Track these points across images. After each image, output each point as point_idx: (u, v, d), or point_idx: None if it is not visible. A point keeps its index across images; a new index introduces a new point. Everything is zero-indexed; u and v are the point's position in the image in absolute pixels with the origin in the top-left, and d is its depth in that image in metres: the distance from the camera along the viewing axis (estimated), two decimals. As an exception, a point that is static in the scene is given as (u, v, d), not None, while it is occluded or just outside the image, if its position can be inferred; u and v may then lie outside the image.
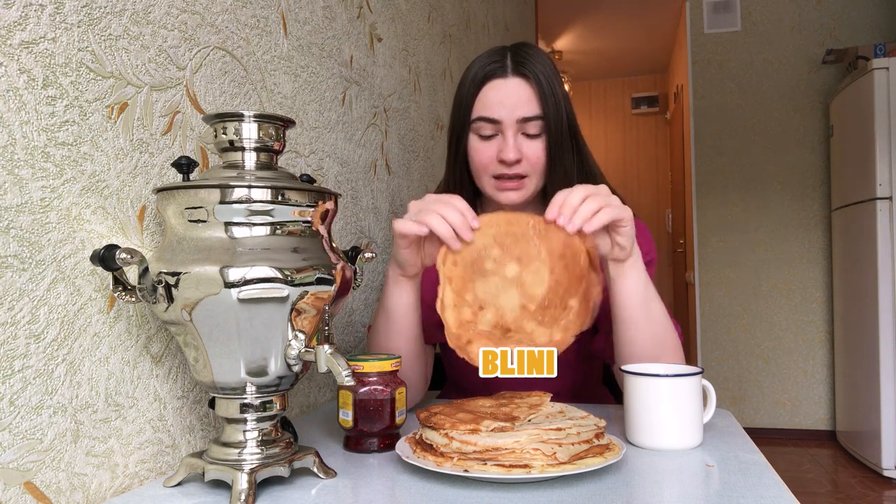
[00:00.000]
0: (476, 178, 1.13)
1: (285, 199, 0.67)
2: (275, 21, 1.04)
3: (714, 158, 4.13)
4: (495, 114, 1.07)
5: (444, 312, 0.84)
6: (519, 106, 1.07)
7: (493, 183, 1.10)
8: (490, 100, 1.08)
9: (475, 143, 1.11)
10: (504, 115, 1.07)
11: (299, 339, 0.68)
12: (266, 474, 0.68)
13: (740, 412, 4.02)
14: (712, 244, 4.14)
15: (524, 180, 1.09)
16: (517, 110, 1.07)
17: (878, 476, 3.13)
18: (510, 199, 1.10)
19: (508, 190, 1.09)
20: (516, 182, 1.09)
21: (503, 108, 1.07)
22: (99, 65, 0.69)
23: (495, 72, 1.09)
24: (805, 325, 3.97)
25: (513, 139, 1.07)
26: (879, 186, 3.11)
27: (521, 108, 1.07)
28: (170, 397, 0.79)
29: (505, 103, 1.07)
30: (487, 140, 1.09)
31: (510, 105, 1.07)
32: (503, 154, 1.07)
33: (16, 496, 0.59)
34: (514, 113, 1.07)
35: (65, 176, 0.65)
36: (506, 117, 1.07)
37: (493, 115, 1.08)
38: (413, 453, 0.76)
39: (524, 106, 1.07)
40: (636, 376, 0.85)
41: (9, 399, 0.59)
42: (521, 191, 1.09)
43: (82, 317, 0.67)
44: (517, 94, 1.08)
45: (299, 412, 1.11)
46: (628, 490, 0.69)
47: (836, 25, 3.97)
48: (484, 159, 1.09)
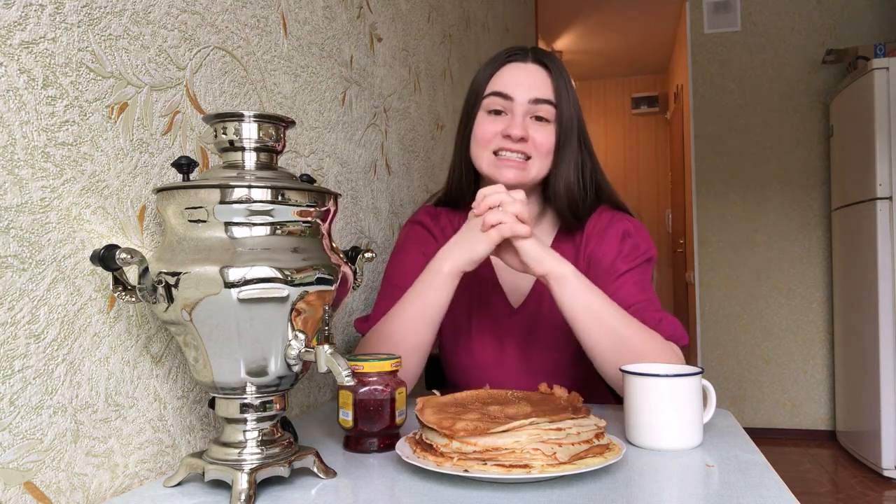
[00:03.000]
0: (475, 156, 1.12)
1: (285, 199, 0.67)
2: (275, 21, 1.04)
3: (714, 158, 4.13)
4: (509, 90, 1.08)
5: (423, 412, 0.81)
6: (534, 87, 1.08)
7: (492, 159, 1.09)
8: (506, 78, 1.10)
9: (482, 118, 1.11)
10: (518, 93, 1.08)
11: (299, 339, 0.68)
12: (266, 474, 0.68)
13: (740, 412, 4.02)
14: (712, 244, 4.14)
15: (527, 162, 1.08)
16: (532, 91, 1.08)
17: (878, 476, 3.13)
18: (507, 178, 1.08)
19: (508, 167, 1.08)
20: (518, 161, 1.08)
21: (518, 86, 1.08)
22: (99, 65, 0.69)
23: (515, 57, 1.11)
24: (805, 325, 3.97)
25: (521, 118, 1.07)
26: (879, 186, 3.11)
27: (535, 90, 1.08)
28: (170, 397, 0.79)
29: (521, 82, 1.09)
30: (496, 115, 1.10)
31: (525, 85, 1.08)
32: (509, 129, 1.06)
33: (16, 496, 0.59)
34: (528, 93, 1.08)
35: (65, 176, 0.65)
36: (519, 95, 1.08)
37: (506, 91, 1.08)
38: (413, 453, 0.76)
39: (538, 88, 1.08)
40: (636, 376, 0.85)
41: (9, 399, 0.59)
42: (522, 171, 1.08)
43: (82, 317, 0.67)
44: (534, 76, 1.09)
45: (299, 412, 1.11)
46: (628, 490, 0.69)
47: (836, 25, 3.97)
48: (487, 133, 1.09)
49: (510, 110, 1.08)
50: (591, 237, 1.15)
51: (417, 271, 1.16)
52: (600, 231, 1.15)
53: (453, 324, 1.19)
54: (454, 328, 1.19)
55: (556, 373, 1.15)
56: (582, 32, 5.08)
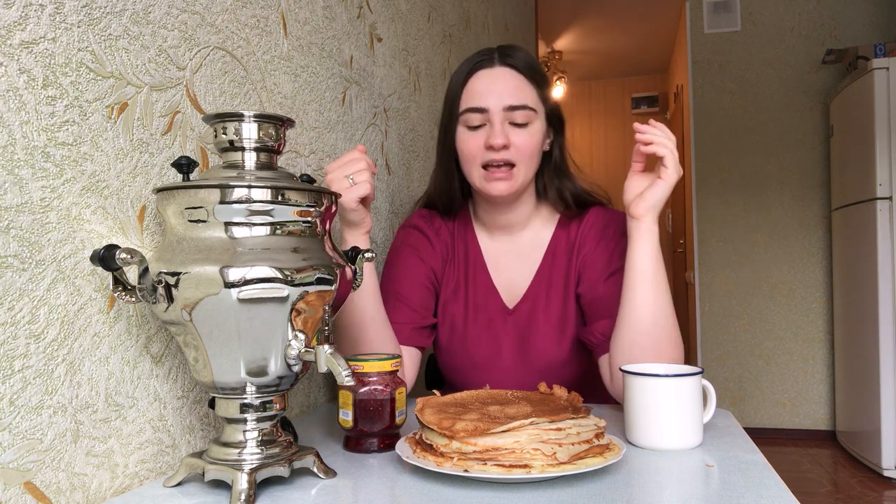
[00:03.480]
0: (466, 172, 1.13)
1: (285, 199, 0.67)
2: (275, 21, 1.04)
3: (714, 158, 4.13)
4: (483, 102, 1.08)
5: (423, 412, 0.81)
6: (506, 93, 1.08)
7: (482, 174, 1.10)
8: (477, 89, 1.10)
9: (463, 134, 1.11)
10: (491, 103, 1.08)
11: (299, 339, 0.68)
12: (266, 474, 0.68)
13: (740, 412, 4.02)
14: (712, 244, 4.14)
15: (512, 170, 1.09)
16: (504, 98, 1.08)
17: (878, 476, 3.13)
18: (499, 190, 1.09)
19: (497, 180, 1.09)
20: (505, 171, 1.08)
21: (491, 95, 1.08)
22: (99, 65, 0.69)
23: (482, 63, 1.11)
24: (805, 325, 3.97)
25: (500, 126, 1.07)
26: (879, 186, 3.11)
27: (509, 96, 1.08)
28: (170, 397, 0.79)
29: (492, 90, 1.09)
30: (475, 130, 1.10)
31: (497, 92, 1.08)
32: (491, 140, 1.07)
33: (16, 496, 0.59)
34: (502, 100, 1.08)
35: (65, 176, 0.65)
36: (493, 105, 1.08)
37: (480, 104, 1.09)
38: (413, 453, 0.76)
39: (511, 94, 1.08)
40: (636, 376, 0.85)
41: (9, 399, 0.59)
42: (510, 181, 1.09)
43: (82, 317, 0.67)
44: (504, 81, 1.09)
45: (299, 412, 1.11)
46: (628, 490, 0.69)
47: (836, 25, 3.97)
48: (472, 149, 1.10)
49: (488, 120, 1.09)
50: (587, 240, 1.15)
51: (414, 276, 1.16)
52: (597, 232, 1.15)
53: (450, 324, 1.19)
54: (450, 328, 1.19)
55: (552, 372, 1.15)
56: (582, 32, 5.08)
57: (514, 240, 1.20)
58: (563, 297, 1.16)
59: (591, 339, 1.09)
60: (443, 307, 1.20)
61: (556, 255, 1.18)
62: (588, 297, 1.12)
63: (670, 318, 1.01)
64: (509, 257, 1.20)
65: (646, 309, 1.00)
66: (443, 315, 1.20)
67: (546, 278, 1.17)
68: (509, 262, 1.20)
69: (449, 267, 1.22)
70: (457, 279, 1.21)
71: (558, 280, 1.16)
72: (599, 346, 1.08)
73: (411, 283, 1.16)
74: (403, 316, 1.12)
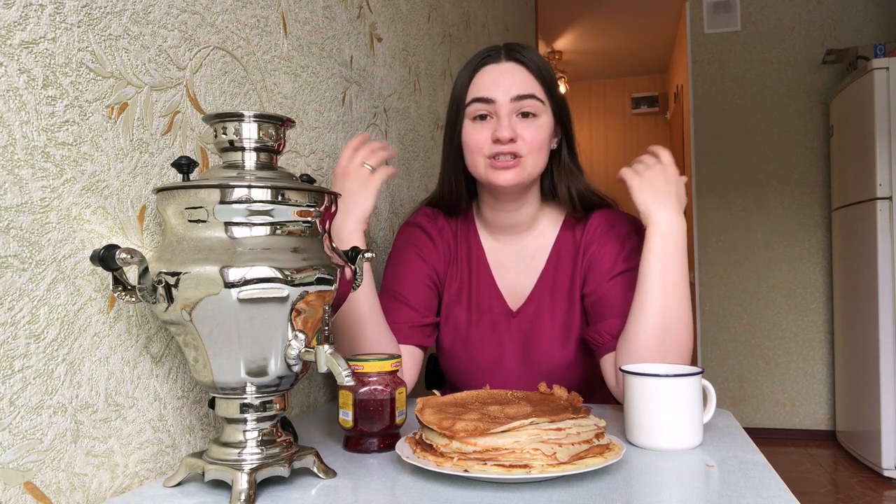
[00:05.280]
0: (471, 164, 1.11)
1: (285, 199, 0.67)
2: (275, 21, 1.04)
3: (714, 158, 4.13)
4: (489, 93, 1.08)
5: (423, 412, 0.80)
6: (513, 85, 1.08)
7: (487, 163, 1.08)
8: (484, 82, 1.09)
9: (469, 127, 1.10)
10: (498, 94, 1.07)
11: (299, 339, 0.68)
12: (266, 474, 0.68)
13: (740, 412, 4.02)
14: (712, 244, 4.14)
15: (520, 160, 1.07)
16: (512, 89, 1.07)
17: (878, 476, 3.13)
18: (505, 180, 1.07)
19: (503, 169, 1.07)
20: (512, 160, 1.07)
21: (497, 88, 1.08)
22: (99, 65, 0.69)
23: (489, 59, 1.11)
24: (805, 325, 3.97)
25: (507, 119, 1.07)
26: (879, 186, 3.11)
27: (515, 87, 1.08)
28: (170, 397, 0.79)
29: (499, 83, 1.08)
30: (482, 121, 1.09)
31: (504, 85, 1.08)
32: (497, 132, 1.06)
33: (16, 496, 0.59)
34: (509, 92, 1.07)
35: (65, 176, 0.65)
36: (500, 97, 1.07)
37: (486, 95, 1.08)
38: (413, 453, 0.76)
39: (518, 85, 1.08)
40: (636, 376, 0.85)
41: (9, 399, 0.59)
42: (517, 170, 1.07)
43: (82, 317, 0.67)
44: (511, 74, 1.09)
45: (299, 412, 1.11)
46: (628, 490, 0.69)
47: (836, 25, 3.97)
48: (479, 140, 1.09)
49: (494, 113, 1.07)
50: (593, 241, 1.14)
51: (415, 275, 1.16)
52: (603, 233, 1.14)
53: (453, 327, 1.19)
54: (454, 331, 1.19)
55: (557, 375, 1.14)
56: (582, 32, 5.08)
57: (518, 242, 1.19)
58: (567, 300, 1.15)
59: (597, 338, 1.08)
60: (446, 309, 1.20)
61: (561, 257, 1.17)
62: (593, 296, 1.12)
63: (680, 321, 1.00)
64: (513, 259, 1.19)
65: (653, 309, 0.99)
66: (446, 317, 1.19)
67: (550, 281, 1.16)
68: (513, 264, 1.19)
69: (452, 267, 1.21)
70: (460, 280, 1.20)
71: (563, 282, 1.16)
72: (604, 345, 1.07)
73: (412, 282, 1.15)
74: (403, 315, 1.12)
